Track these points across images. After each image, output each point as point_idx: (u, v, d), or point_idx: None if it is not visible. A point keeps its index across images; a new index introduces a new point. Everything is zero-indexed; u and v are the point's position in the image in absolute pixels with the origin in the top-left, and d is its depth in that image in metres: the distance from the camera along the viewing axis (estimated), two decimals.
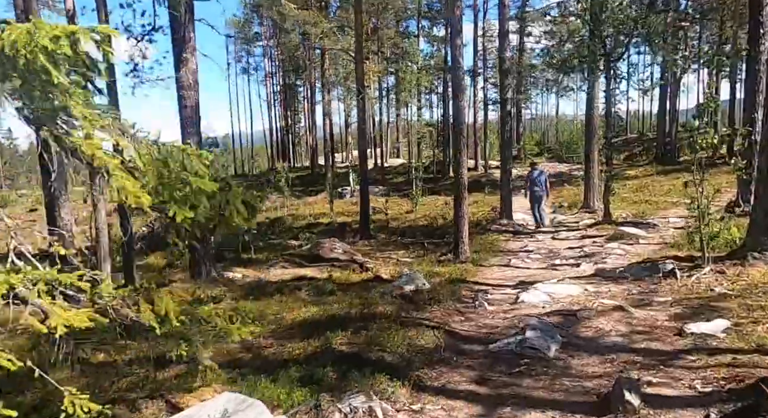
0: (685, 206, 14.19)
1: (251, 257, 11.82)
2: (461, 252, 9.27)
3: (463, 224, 9.26)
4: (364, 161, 14.80)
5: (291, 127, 47.67)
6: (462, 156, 9.10)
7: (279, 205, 25.07)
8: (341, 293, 7.11)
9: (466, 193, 9.32)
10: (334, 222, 19.64)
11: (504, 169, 13.37)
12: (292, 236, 17.08)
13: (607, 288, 5.66)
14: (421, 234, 15.66)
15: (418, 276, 5.99)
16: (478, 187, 23.36)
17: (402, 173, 34.69)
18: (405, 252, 12.37)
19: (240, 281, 8.23)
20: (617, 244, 9.34)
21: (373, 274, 8.55)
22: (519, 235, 12.74)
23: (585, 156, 14.51)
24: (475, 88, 30.99)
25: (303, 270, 9.69)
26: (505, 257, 9.88)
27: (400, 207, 21.82)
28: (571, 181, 21.29)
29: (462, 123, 8.97)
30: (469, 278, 7.79)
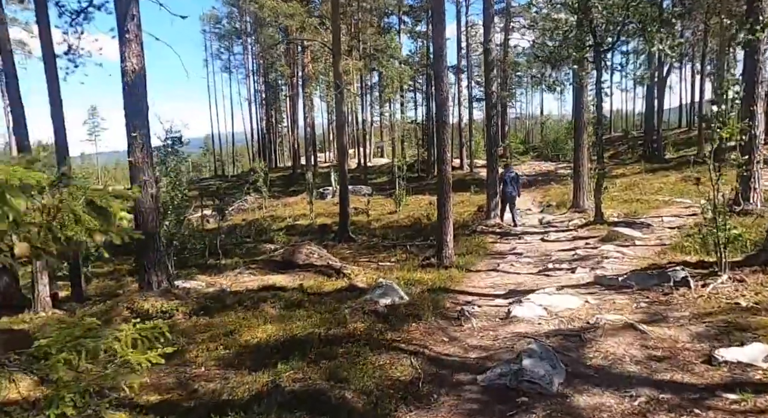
0: (682, 205, 13.71)
1: (219, 263, 10.94)
2: (446, 256, 8.52)
3: (447, 226, 8.51)
4: (344, 160, 14.00)
5: (273, 127, 46.60)
6: (446, 152, 8.36)
7: (257, 206, 24.12)
8: (311, 305, 6.30)
9: (451, 193, 8.58)
10: (313, 224, 18.80)
11: (491, 167, 12.68)
12: (269, 239, 16.23)
13: (610, 300, 4.93)
14: (404, 236, 14.91)
15: (395, 288, 5.21)
16: (464, 186, 22.69)
17: (386, 173, 33.93)
18: (386, 256, 11.61)
19: (199, 292, 7.36)
20: (612, 246, 8.68)
21: (348, 282, 7.75)
22: (506, 236, 12.06)
23: (574, 153, 13.90)
24: (459, 86, 30.35)
25: (273, 278, 8.85)
26: (493, 260, 9.17)
27: (383, 207, 21.03)
28: (558, 180, 20.74)
29: (445, 115, 8.23)
30: (454, 285, 7.04)
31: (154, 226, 6.46)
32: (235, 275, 9.28)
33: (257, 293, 7.14)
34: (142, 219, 6.34)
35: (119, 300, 6.34)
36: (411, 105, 34.66)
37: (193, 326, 5.51)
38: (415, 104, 35.80)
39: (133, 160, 6.28)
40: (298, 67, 28.73)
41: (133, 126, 6.25)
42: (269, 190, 30.07)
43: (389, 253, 11.85)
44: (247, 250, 13.90)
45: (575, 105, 13.43)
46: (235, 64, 41.77)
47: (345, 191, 14.06)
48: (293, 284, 8.25)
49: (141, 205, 6.32)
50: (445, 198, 8.45)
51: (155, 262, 6.50)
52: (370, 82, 34.06)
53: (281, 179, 37.38)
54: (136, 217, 6.43)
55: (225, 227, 19.57)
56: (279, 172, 41.59)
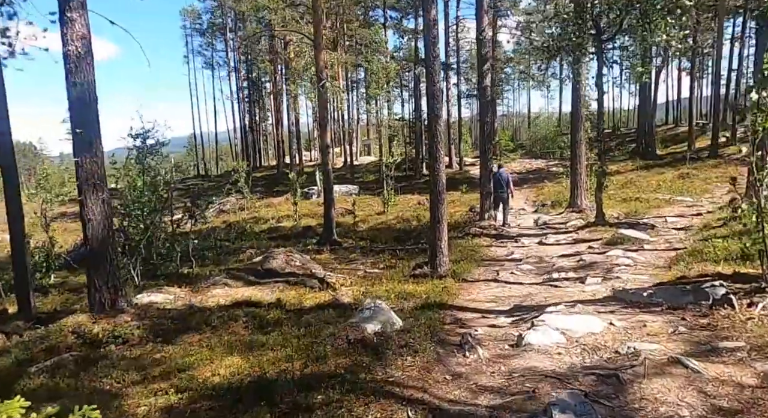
0: (684, 204, 13.11)
1: (191, 272, 10.03)
2: (440, 264, 7.75)
3: (441, 231, 7.73)
4: (327, 158, 13.15)
5: (257, 125, 45.44)
6: (439, 149, 7.57)
7: (239, 207, 23.12)
8: (289, 325, 5.48)
9: (445, 194, 7.80)
10: (297, 225, 17.93)
11: (484, 164, 11.94)
12: (249, 243, 15.36)
13: (639, 322, 4.19)
14: (393, 239, 14.12)
15: (384, 310, 4.41)
16: (454, 185, 21.97)
17: (373, 172, 33.06)
18: (374, 261, 10.81)
19: (162, 309, 6.48)
20: (620, 251, 7.98)
21: (332, 296, 6.93)
22: (502, 238, 11.34)
23: (571, 150, 13.23)
24: (448, 83, 29.62)
25: (249, 290, 7.98)
26: (491, 267, 8.41)
27: (371, 207, 20.21)
28: (552, 178, 20.13)
29: (438, 108, 7.44)
30: (451, 299, 6.26)
31: (105, 236, 5.57)
32: (207, 286, 8.38)
33: (229, 310, 6.29)
34: (91, 229, 5.45)
35: (64, 324, 5.44)
36: (398, 102, 33.87)
37: (146, 355, 4.65)
38: (402, 102, 35.03)
39: (79, 161, 5.38)
40: (281, 63, 27.72)
41: (79, 121, 5.35)
42: (251, 191, 29.09)
43: (377, 258, 11.06)
44: (225, 255, 13.02)
45: (573, 99, 12.76)
46: (218, 61, 40.57)
47: (329, 192, 13.22)
48: (271, 297, 7.41)
49: (89, 213, 5.43)
50: (438, 200, 7.67)
51: (108, 277, 5.61)
52: (356, 77, 33.15)
53: (265, 179, 36.33)
54: (84, 226, 5.54)
55: (205, 230, 18.62)
56: (264, 171, 40.51)
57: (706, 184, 14.74)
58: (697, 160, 18.82)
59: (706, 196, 13.37)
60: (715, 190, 14.03)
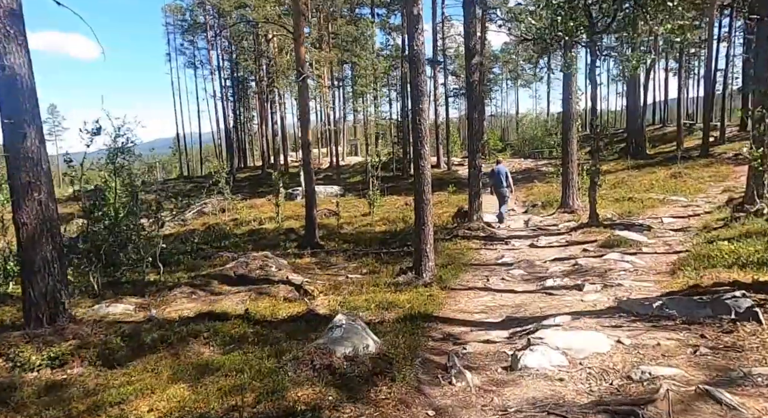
0: (679, 204, 12.67)
1: (158, 280, 9.31)
2: (425, 269, 7.15)
3: (426, 234, 7.14)
4: (309, 157, 12.51)
5: (242, 125, 44.57)
6: (423, 145, 6.98)
7: (220, 209, 22.33)
8: (253, 343, 4.85)
9: (431, 194, 7.21)
10: (280, 228, 17.25)
11: (472, 164, 11.38)
12: (228, 246, 14.67)
13: (651, 339, 3.62)
14: (377, 241, 13.51)
15: (359, 328, 3.79)
16: (442, 185, 21.42)
17: (360, 172, 32.42)
18: (357, 266, 10.19)
19: (116, 322, 5.80)
20: (617, 254, 7.45)
21: (307, 306, 6.29)
22: (491, 241, 10.79)
23: (562, 148, 12.73)
24: (436, 81, 29.13)
25: (218, 299, 7.31)
26: (480, 272, 7.84)
27: (356, 209, 19.57)
28: (541, 178, 19.67)
29: (423, 100, 6.85)
30: (437, 310, 5.67)
31: (44, 243, 4.88)
32: (174, 295, 7.69)
33: (191, 325, 5.63)
34: (25, 234, 4.76)
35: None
36: (386, 102, 33.27)
37: (79, 383, 3.98)
38: (390, 101, 34.47)
39: (10, 156, 4.69)
40: (265, 60, 26.99)
41: (9, 109, 4.66)
42: (235, 192, 28.28)
43: (360, 262, 10.45)
44: (202, 259, 12.30)
45: (564, 94, 12.27)
46: (201, 60, 39.62)
47: (311, 193, 12.58)
48: (241, 307, 6.75)
49: (23, 216, 4.74)
50: (423, 201, 7.08)
51: (46, 289, 4.92)
52: (343, 75, 32.51)
53: (250, 180, 35.51)
54: (17, 231, 4.85)
55: (182, 232, 17.86)
56: (248, 172, 39.67)
57: (700, 183, 14.35)
58: (689, 160, 18.49)
59: (700, 195, 12.96)
60: (709, 190, 13.63)
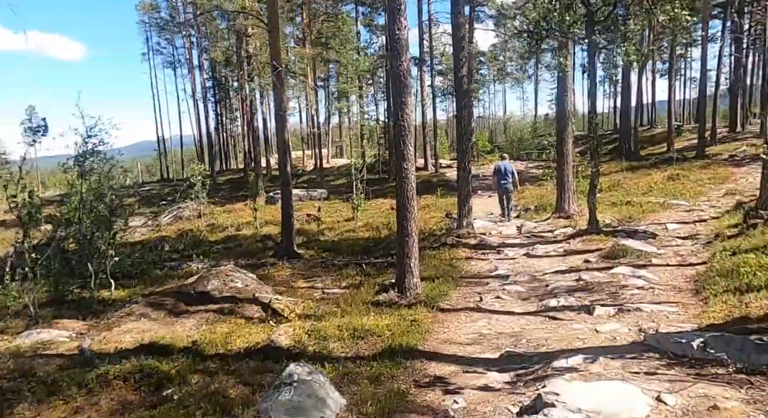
0: (681, 208, 11.92)
1: (109, 298, 8.27)
2: (409, 287, 6.24)
3: (410, 246, 6.23)
4: (286, 159, 11.54)
5: (224, 126, 43.30)
6: (407, 144, 6.08)
7: (198, 214, 21.20)
8: (189, 391, 3.89)
9: (415, 201, 6.30)
10: (257, 234, 16.23)
11: (462, 165, 10.51)
12: (200, 254, 13.65)
13: (703, 397, 2.74)
14: (360, 249, 12.56)
15: (315, 385, 2.85)
16: (429, 188, 20.57)
17: (345, 174, 31.40)
18: (336, 278, 9.25)
19: (36, 356, 4.80)
20: (627, 268, 6.60)
21: (269, 335, 5.32)
22: (483, 249, 9.91)
23: (557, 149, 11.93)
24: (422, 81, 28.30)
25: (169, 323, 6.32)
26: (472, 288, 6.95)
27: (339, 213, 18.60)
28: (532, 181, 18.90)
29: (405, 90, 5.95)
30: (422, 341, 4.75)
31: None
32: (121, 317, 6.68)
33: (127, 359, 4.64)
34: None
35: None
36: (371, 102, 32.37)
37: None
38: (375, 101, 33.58)
39: None
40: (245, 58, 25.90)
41: None
42: (212, 195, 27.12)
43: (340, 274, 9.51)
44: (169, 270, 11.29)
45: (558, 91, 11.47)
46: (179, 60, 38.32)
47: (288, 197, 11.61)
48: (195, 333, 5.78)
49: None
50: (407, 208, 6.17)
51: None
52: (327, 74, 31.55)
53: (231, 182, 34.31)
54: None
55: (153, 239, 16.76)
56: (229, 174, 38.44)
57: (699, 186, 13.66)
58: (684, 161, 17.87)
59: (701, 199, 12.24)
60: (709, 193, 12.93)
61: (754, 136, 24.45)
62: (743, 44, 28.76)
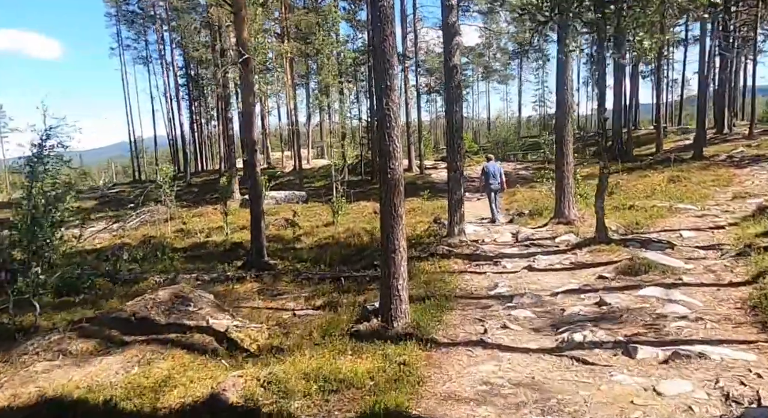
0: (690, 213, 10.96)
1: (32, 324, 6.89)
2: (395, 316, 5.05)
3: (397, 265, 5.05)
4: (254, 157, 10.27)
5: (200, 126, 41.63)
6: (393, 138, 4.90)
7: (168, 217, 19.70)
8: None
9: (403, 208, 5.12)
10: (228, 240, 14.89)
11: (453, 166, 9.38)
12: (162, 265, 12.30)
13: None
14: (339, 258, 11.31)
15: None
16: (414, 190, 19.42)
17: (326, 176, 30.09)
18: (310, 295, 8.02)
19: None
20: (658, 289, 5.51)
21: (213, 385, 4.07)
22: (477, 260, 8.79)
23: (556, 148, 10.88)
24: (406, 77, 27.18)
25: (94, 362, 5.02)
26: (471, 312, 5.78)
27: (319, 218, 17.31)
28: (524, 182, 17.90)
29: (391, 75, 4.77)
30: (413, 399, 3.56)
31: None
32: (36, 353, 5.35)
33: None
34: None
35: None
36: (354, 101, 31.13)
37: None
38: (357, 100, 32.38)
39: None
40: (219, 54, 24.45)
41: None
42: (184, 198, 25.61)
43: (316, 290, 8.30)
44: (122, 283, 9.93)
45: (558, 84, 10.41)
46: (152, 56, 36.52)
47: (258, 202, 10.34)
48: (121, 377, 4.51)
49: None
50: (393, 217, 4.99)
51: None
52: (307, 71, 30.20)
53: (206, 184, 32.74)
54: None
55: (112, 247, 15.28)
56: (206, 176, 36.82)
57: (703, 188, 12.77)
58: (681, 162, 17.08)
59: (709, 202, 11.33)
60: (716, 196, 12.04)
61: (743, 137, 23.97)
62: (731, 44, 28.31)
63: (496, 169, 12.73)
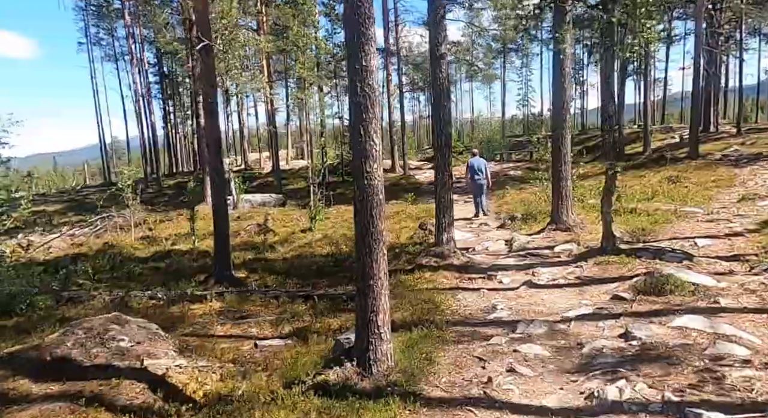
0: (699, 217, 10.10)
1: None
2: (374, 359, 3.96)
3: (377, 295, 3.96)
4: (218, 159, 9.09)
5: (174, 125, 39.99)
6: (369, 132, 3.82)
7: (135, 223, 18.27)
8: None
9: (383, 222, 4.03)
10: (195, 249, 13.64)
11: (441, 166, 8.33)
12: (120, 276, 11.06)
13: None
14: (315, 271, 10.20)
15: None
16: (399, 192, 18.36)
17: (305, 177, 28.90)
18: (277, 318, 6.90)
19: None
20: (698, 318, 4.51)
21: None
22: (469, 273, 7.76)
23: (552, 148, 9.93)
24: (388, 73, 26.13)
25: None
26: (468, 347, 4.71)
27: (296, 223, 16.07)
28: (513, 184, 16.96)
29: (368, 48, 3.69)
30: None
31: None
32: None
33: None
34: None
35: None
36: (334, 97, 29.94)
37: None
38: (339, 99, 31.20)
39: None
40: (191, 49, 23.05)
41: None
42: (153, 202, 24.16)
43: (285, 311, 7.20)
44: (67, 303, 8.68)
45: (554, 77, 9.46)
46: (122, 52, 34.75)
47: (222, 208, 9.14)
48: None
49: None
50: (372, 233, 3.91)
51: None
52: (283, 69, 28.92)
53: (179, 187, 31.18)
54: None
55: (64, 257, 13.91)
56: (179, 177, 35.22)
57: (706, 189, 11.96)
58: (677, 162, 16.35)
59: (715, 205, 10.50)
60: (721, 197, 11.23)
61: (731, 136, 23.48)
62: (718, 41, 27.89)
63: (481, 164, 12.75)
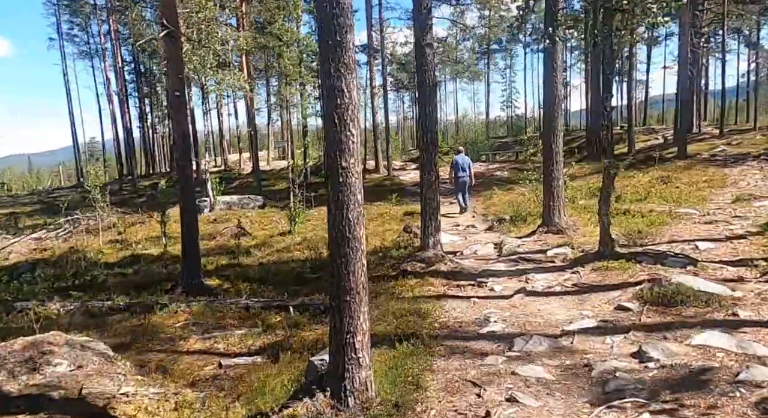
0: (695, 219, 9.72)
1: None
2: (352, 390, 3.35)
3: (354, 312, 3.36)
4: (186, 154, 8.39)
5: (152, 125, 38.83)
6: (347, 122, 3.22)
7: (106, 226, 17.33)
8: None
9: (362, 229, 3.43)
10: (166, 254, 12.88)
11: (427, 166, 7.76)
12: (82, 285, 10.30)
13: None
14: (293, 276, 9.56)
15: None
16: (382, 193, 17.75)
17: (286, 178, 28.18)
18: (249, 332, 6.28)
19: None
20: (722, 337, 4.00)
21: None
22: (457, 279, 7.19)
23: (543, 148, 9.45)
24: (371, 72, 25.58)
25: None
26: (459, 369, 4.13)
27: (275, 226, 15.36)
28: (500, 184, 16.49)
29: (345, 38, 3.09)
30: None
31: None
32: None
33: None
34: None
35: None
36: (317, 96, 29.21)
37: None
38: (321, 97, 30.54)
39: None
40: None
41: None
42: (127, 203, 23.21)
43: (255, 324, 6.57)
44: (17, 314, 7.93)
45: (545, 73, 8.97)
46: (97, 49, 33.54)
47: (191, 211, 8.45)
48: None
49: None
50: (348, 242, 3.31)
51: None
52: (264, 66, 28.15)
53: (154, 188, 30.17)
54: None
55: (23, 263, 13.05)
56: (156, 178, 34.15)
57: (698, 190, 11.64)
58: (665, 162, 16.08)
59: (710, 206, 10.14)
60: (714, 198, 10.90)
61: (714, 137, 23.45)
62: (700, 42, 27.96)
63: (465, 161, 12.99)
